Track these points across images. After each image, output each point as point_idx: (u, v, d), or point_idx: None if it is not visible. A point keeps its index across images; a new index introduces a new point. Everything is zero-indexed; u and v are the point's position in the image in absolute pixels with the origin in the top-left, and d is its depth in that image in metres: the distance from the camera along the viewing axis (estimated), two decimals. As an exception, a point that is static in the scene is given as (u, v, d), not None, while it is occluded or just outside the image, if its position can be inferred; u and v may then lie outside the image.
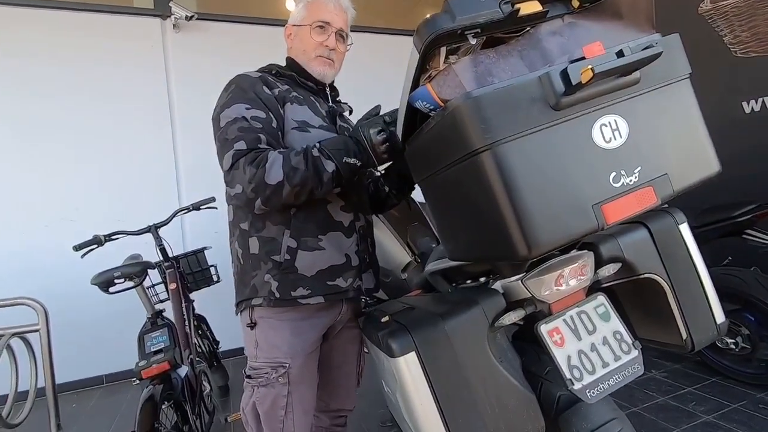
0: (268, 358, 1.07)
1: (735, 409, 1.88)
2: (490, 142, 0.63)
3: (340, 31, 1.18)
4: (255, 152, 0.97)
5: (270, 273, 1.05)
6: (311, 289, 1.05)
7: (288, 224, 1.05)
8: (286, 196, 0.95)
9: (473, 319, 0.88)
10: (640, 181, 0.68)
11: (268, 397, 1.06)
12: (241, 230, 1.10)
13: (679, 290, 1.00)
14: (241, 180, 0.95)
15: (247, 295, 1.08)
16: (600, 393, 0.87)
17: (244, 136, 0.98)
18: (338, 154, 0.97)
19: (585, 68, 0.59)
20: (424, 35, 0.65)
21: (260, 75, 1.14)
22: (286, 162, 0.95)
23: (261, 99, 1.05)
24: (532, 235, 0.63)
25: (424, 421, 0.84)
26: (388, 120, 1.00)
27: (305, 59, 1.19)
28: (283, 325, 1.07)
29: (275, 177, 0.93)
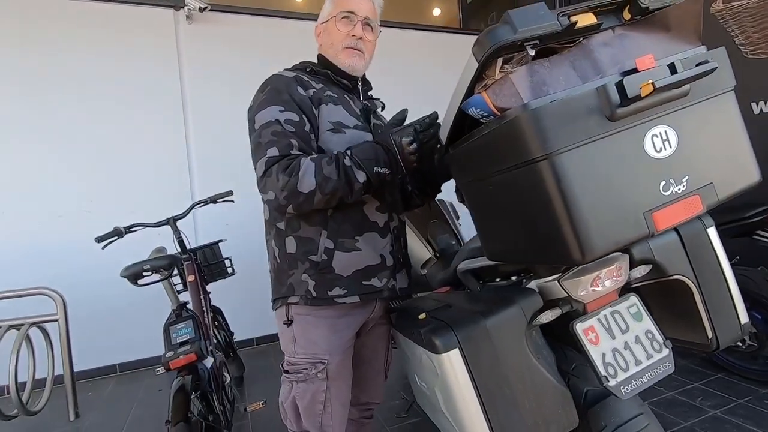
0: (306, 354, 1.09)
1: (740, 404, 1.94)
2: (549, 152, 0.65)
3: (366, 20, 1.16)
4: (288, 159, 0.97)
5: (307, 273, 1.06)
6: (347, 288, 1.07)
7: (325, 225, 1.06)
8: (317, 203, 0.97)
9: (512, 317, 0.92)
10: (687, 190, 0.71)
11: (308, 392, 1.09)
12: (278, 229, 1.12)
13: (706, 291, 1.04)
14: (274, 187, 0.96)
15: (284, 293, 1.10)
16: (633, 390, 0.91)
17: (277, 142, 0.99)
18: (369, 164, 0.98)
19: (645, 82, 0.62)
20: (486, 46, 0.68)
21: (295, 75, 1.13)
22: (319, 171, 0.95)
23: (295, 101, 1.05)
24: (587, 241, 0.66)
25: (466, 415, 0.87)
26: (418, 128, 1.00)
27: (333, 53, 1.17)
28: (320, 323, 1.09)
29: (308, 186, 0.94)
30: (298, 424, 1.11)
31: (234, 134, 3.15)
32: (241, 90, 3.17)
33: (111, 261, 2.85)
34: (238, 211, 2.90)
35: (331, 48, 1.18)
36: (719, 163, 0.74)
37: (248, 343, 3.19)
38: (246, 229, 3.16)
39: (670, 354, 0.96)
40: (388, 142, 0.99)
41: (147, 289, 2.90)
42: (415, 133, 0.99)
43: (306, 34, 3.27)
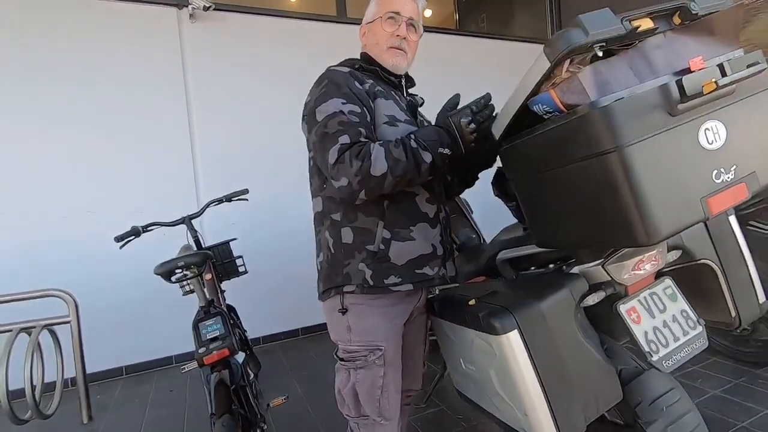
0: (363, 342, 1.13)
1: (738, 384, 2.07)
2: (619, 144, 0.72)
3: (410, 21, 1.21)
4: (358, 145, 1.01)
5: (364, 262, 1.10)
6: (402, 277, 1.10)
7: (382, 216, 1.10)
8: (387, 186, 1.00)
9: (564, 299, 0.98)
10: (735, 178, 0.79)
11: (368, 378, 1.12)
12: (333, 221, 1.14)
13: (729, 274, 1.13)
14: (347, 173, 0.99)
15: (339, 282, 1.13)
16: (674, 363, 0.99)
17: (347, 130, 1.02)
18: (434, 145, 1.02)
19: (708, 81, 0.69)
20: (560, 47, 0.74)
21: (349, 70, 1.17)
22: (389, 154, 0.99)
23: (354, 94, 1.09)
24: (652, 225, 0.73)
25: (525, 392, 0.93)
26: (474, 110, 1.04)
27: (378, 52, 1.22)
28: (375, 312, 1.13)
29: (380, 169, 0.98)
30: (357, 409, 1.15)
31: (239, 133, 3.18)
32: (245, 89, 3.21)
33: (115, 263, 2.84)
34: (243, 211, 2.91)
35: (376, 47, 1.22)
36: (760, 153, 0.82)
37: (255, 342, 3.18)
38: (252, 229, 3.18)
39: (703, 331, 1.05)
40: (448, 124, 1.04)
41: (153, 291, 2.91)
42: (473, 114, 1.03)
43: (309, 33, 3.33)
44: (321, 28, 3.34)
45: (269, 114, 3.19)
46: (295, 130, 3.48)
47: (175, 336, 2.97)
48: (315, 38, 3.29)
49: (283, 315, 3.31)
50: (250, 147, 3.17)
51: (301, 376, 2.71)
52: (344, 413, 1.20)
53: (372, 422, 1.15)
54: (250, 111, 3.14)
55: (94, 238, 2.75)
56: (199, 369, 1.69)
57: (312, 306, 3.27)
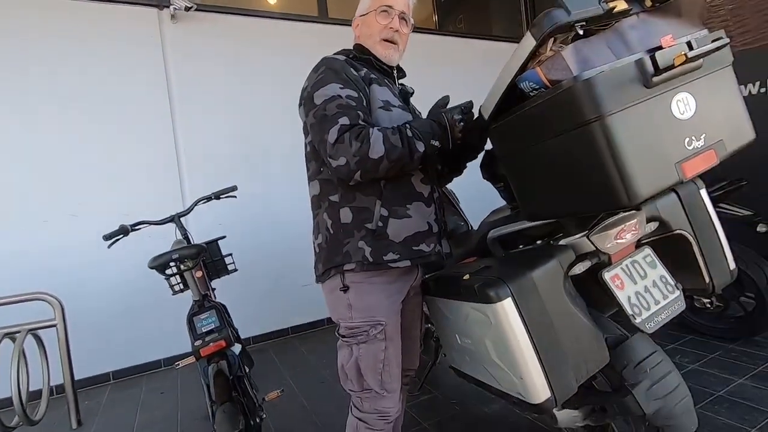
0: (364, 318, 1.16)
1: (713, 358, 2.18)
2: (602, 114, 0.78)
3: (402, 14, 1.26)
4: (359, 127, 1.06)
5: (364, 240, 1.14)
6: (400, 253, 1.15)
7: (380, 195, 1.14)
8: (381, 169, 1.06)
9: (553, 269, 1.04)
10: (705, 145, 0.86)
11: (370, 352, 1.16)
12: (331, 202, 1.18)
13: (702, 243, 1.21)
14: (346, 153, 1.04)
15: (339, 261, 1.16)
16: (656, 325, 1.06)
17: (346, 112, 1.07)
18: (427, 136, 1.09)
19: (678, 54, 0.76)
20: (545, 26, 0.80)
21: (345, 58, 1.23)
22: (386, 139, 1.05)
23: (351, 79, 1.14)
24: (633, 187, 0.80)
25: (521, 355, 0.98)
26: (464, 109, 1.14)
27: (371, 43, 1.27)
28: (375, 288, 1.17)
29: (378, 152, 1.03)
30: (360, 383, 1.18)
31: (223, 133, 3.18)
32: (228, 89, 3.22)
33: (100, 266, 2.80)
34: (229, 210, 2.91)
35: (369, 39, 1.27)
36: (726, 123, 0.90)
37: (245, 341, 3.17)
38: (238, 228, 3.17)
39: (680, 294, 1.12)
40: (441, 119, 1.12)
41: (140, 294, 2.88)
42: (462, 113, 1.12)
43: (292, 33, 3.36)
44: (303, 28, 3.37)
45: (253, 113, 3.20)
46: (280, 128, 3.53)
47: (163, 339, 2.93)
48: (297, 38, 3.32)
49: (272, 314, 3.31)
50: (234, 147, 3.16)
51: (293, 372, 2.71)
52: (347, 389, 1.23)
53: (375, 395, 1.18)
54: (234, 110, 3.14)
55: (78, 241, 2.70)
56: (193, 366, 1.70)
57: (302, 304, 3.34)
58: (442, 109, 1.16)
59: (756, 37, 2.84)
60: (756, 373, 1.98)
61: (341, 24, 3.38)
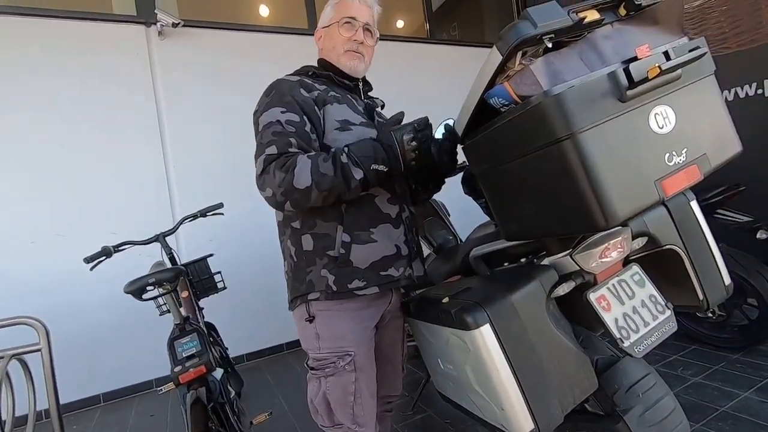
0: (332, 348, 1.10)
1: (717, 370, 2.11)
2: (573, 131, 0.73)
3: (366, 26, 1.21)
4: (285, 156, 1.00)
5: (326, 267, 1.08)
6: (366, 280, 1.09)
7: (341, 220, 1.08)
8: (314, 200, 0.99)
9: (534, 291, 0.99)
10: (687, 160, 0.81)
11: (338, 385, 1.10)
12: (293, 229, 1.13)
13: (694, 258, 1.15)
14: (272, 184, 0.99)
15: (303, 290, 1.11)
16: (645, 348, 1.00)
17: (277, 141, 1.02)
18: (367, 161, 1.00)
19: (653, 66, 0.71)
20: (510, 40, 0.75)
21: (298, 78, 1.17)
22: (315, 168, 0.98)
23: (297, 102, 1.08)
24: (610, 208, 0.74)
25: (501, 384, 0.93)
26: (417, 127, 1.03)
27: (335, 56, 1.21)
28: (343, 316, 1.11)
29: (303, 182, 0.97)
30: (330, 418, 1.12)
31: (213, 148, 3.15)
32: (217, 105, 3.19)
33: (88, 287, 2.76)
34: (220, 227, 2.87)
35: (333, 51, 1.21)
36: (709, 136, 0.85)
37: (238, 360, 3.12)
38: (229, 245, 3.13)
39: (671, 314, 1.06)
40: (390, 139, 1.02)
41: (129, 313, 2.83)
42: (415, 132, 1.02)
43: (281, 47, 3.34)
44: (292, 41, 3.35)
45: (243, 128, 3.12)
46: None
47: (155, 359, 2.87)
48: (287, 51, 3.29)
49: (265, 330, 3.25)
50: (225, 162, 3.13)
51: (285, 391, 2.65)
52: (318, 423, 1.17)
53: (347, 430, 1.12)
54: (224, 126, 3.11)
55: (65, 262, 2.67)
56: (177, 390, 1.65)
57: (295, 319, 3.27)
58: (392, 128, 1.05)
59: (751, 38, 2.79)
60: (761, 385, 1.90)
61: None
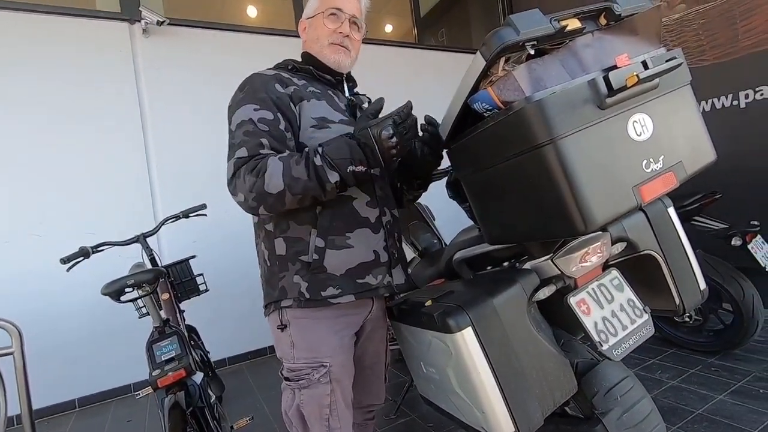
0: (307, 359, 1.06)
1: (693, 373, 2.16)
2: (553, 137, 0.75)
3: (353, 18, 1.15)
4: (255, 159, 0.95)
5: (299, 274, 1.03)
6: (341, 288, 1.04)
7: (314, 223, 1.03)
8: (288, 203, 0.95)
9: (516, 294, 1.00)
10: (663, 167, 0.83)
11: (313, 398, 1.05)
12: (267, 231, 1.09)
13: (671, 263, 1.18)
14: (243, 189, 0.95)
15: (276, 297, 1.07)
16: (623, 352, 1.02)
17: (248, 142, 0.97)
18: (343, 163, 0.93)
19: (631, 74, 0.73)
20: (493, 46, 0.76)
21: (274, 73, 1.11)
22: (287, 171, 0.92)
23: (271, 99, 1.03)
24: (589, 213, 0.76)
25: (482, 387, 0.93)
26: (397, 120, 0.95)
27: (318, 48, 1.15)
28: (318, 324, 1.06)
29: (275, 186, 0.92)
30: (305, 430, 1.08)
31: (196, 149, 3.11)
32: (201, 104, 3.15)
33: (65, 288, 2.69)
34: (205, 228, 2.83)
35: (316, 43, 1.15)
36: (685, 144, 0.87)
37: (221, 363, 3.07)
38: (213, 246, 3.09)
39: (649, 318, 1.08)
40: (367, 136, 0.94)
41: (107, 318, 2.77)
42: (395, 126, 0.94)
43: (267, 47, 3.32)
44: (279, 43, 3.33)
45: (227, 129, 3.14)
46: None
47: (132, 362, 2.81)
48: (273, 52, 3.22)
49: (248, 333, 3.21)
50: (209, 163, 3.09)
51: (268, 395, 2.62)
52: None
53: None
54: (208, 126, 3.07)
55: (41, 262, 2.60)
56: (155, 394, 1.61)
57: (279, 323, 3.24)
58: (370, 121, 0.96)
59: (726, 51, 2.88)
60: (735, 388, 1.95)
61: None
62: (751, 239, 2.12)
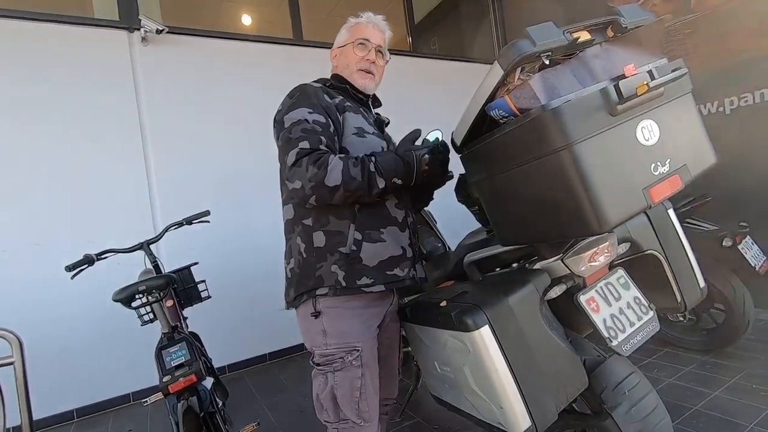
0: (339, 344, 1.14)
1: (689, 371, 2.22)
2: (570, 142, 0.79)
3: (378, 48, 1.32)
4: (318, 153, 1.06)
5: (337, 264, 1.13)
6: (374, 278, 1.14)
7: (354, 219, 1.14)
8: (337, 197, 1.07)
9: (529, 294, 1.04)
10: (670, 170, 0.88)
11: (346, 379, 1.13)
12: (304, 226, 1.18)
13: (673, 262, 1.24)
14: (302, 177, 1.05)
15: (312, 286, 1.14)
16: (632, 347, 1.06)
17: (308, 137, 1.08)
18: (390, 174, 1.09)
19: (641, 83, 0.78)
20: (512, 56, 0.81)
21: (320, 85, 1.25)
22: (346, 170, 1.05)
23: (322, 105, 1.16)
24: (603, 214, 0.80)
25: (501, 384, 0.97)
26: (435, 149, 1.15)
27: (348, 73, 1.31)
28: (349, 313, 1.15)
29: (334, 180, 1.04)
30: (336, 413, 1.14)
31: (197, 157, 3.11)
32: (201, 112, 3.16)
33: (65, 298, 2.66)
34: (203, 236, 2.83)
35: (346, 69, 1.31)
36: (689, 148, 0.92)
37: (221, 371, 3.05)
38: (214, 253, 3.08)
39: (654, 315, 1.13)
40: (411, 157, 1.11)
41: (106, 327, 2.75)
42: (431, 153, 1.13)
43: (266, 56, 3.35)
44: (278, 51, 3.37)
45: (227, 137, 3.15)
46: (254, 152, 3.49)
47: (132, 371, 2.79)
48: (272, 61, 3.31)
49: (249, 341, 3.20)
50: (208, 171, 3.10)
51: (271, 402, 2.61)
52: (323, 419, 1.18)
53: (352, 425, 1.14)
54: (208, 134, 3.09)
55: (41, 272, 2.57)
56: (162, 401, 1.61)
57: (279, 329, 3.25)
58: (411, 145, 1.16)
59: (711, 60, 2.99)
60: (730, 385, 2.01)
61: (316, 47, 3.39)
62: (741, 240, 2.20)
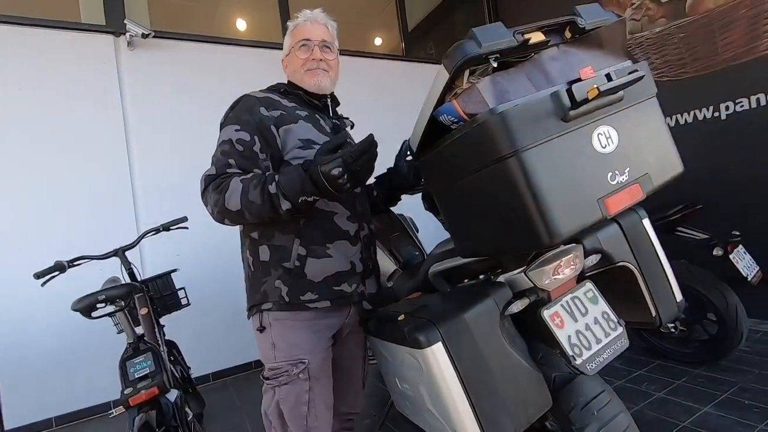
0: (287, 357, 1.11)
1: (679, 385, 2.14)
2: (517, 149, 0.74)
3: (323, 43, 1.25)
4: (221, 178, 1.06)
5: (281, 279, 1.11)
6: (318, 293, 1.12)
7: (298, 233, 1.12)
8: (248, 219, 1.05)
9: (487, 308, 0.98)
10: (629, 179, 0.83)
11: (291, 393, 1.10)
12: (251, 239, 1.17)
13: (647, 275, 1.17)
14: (209, 202, 1.07)
15: (258, 300, 1.14)
16: (597, 365, 1.00)
17: (219, 162, 1.09)
18: (294, 194, 0.99)
19: (591, 87, 0.73)
20: (456, 58, 0.76)
21: (264, 95, 1.21)
22: (244, 193, 1.01)
23: (254, 121, 1.12)
24: (553, 226, 0.75)
25: (453, 405, 0.91)
26: (348, 160, 0.97)
27: (299, 77, 1.26)
28: (298, 325, 1.13)
29: (234, 205, 1.02)
30: (283, 429, 1.11)
31: (180, 161, 3.08)
32: (187, 118, 3.14)
33: (39, 303, 2.63)
34: (187, 242, 2.80)
35: (295, 74, 1.27)
36: (652, 156, 0.87)
37: (204, 379, 3.01)
38: (198, 260, 3.05)
39: (623, 331, 1.07)
40: (316, 172, 0.97)
41: (84, 334, 2.71)
42: (345, 165, 0.96)
43: (253, 61, 3.32)
44: (265, 55, 3.34)
45: (213, 142, 3.12)
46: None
47: (111, 379, 2.73)
48: (259, 65, 3.27)
49: (232, 348, 3.15)
50: (193, 176, 3.05)
51: (254, 412, 2.56)
52: None
53: None
54: (193, 139, 3.05)
55: (16, 277, 2.54)
56: (128, 412, 1.57)
57: (264, 336, 3.19)
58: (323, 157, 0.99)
59: (707, 64, 2.92)
60: (720, 400, 1.94)
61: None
62: (733, 249, 2.13)
